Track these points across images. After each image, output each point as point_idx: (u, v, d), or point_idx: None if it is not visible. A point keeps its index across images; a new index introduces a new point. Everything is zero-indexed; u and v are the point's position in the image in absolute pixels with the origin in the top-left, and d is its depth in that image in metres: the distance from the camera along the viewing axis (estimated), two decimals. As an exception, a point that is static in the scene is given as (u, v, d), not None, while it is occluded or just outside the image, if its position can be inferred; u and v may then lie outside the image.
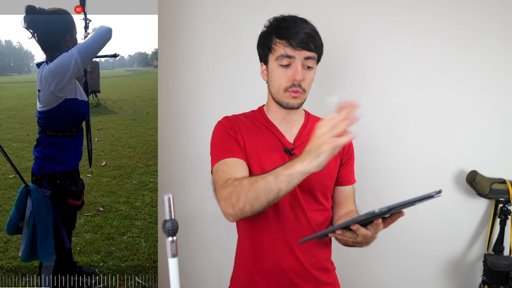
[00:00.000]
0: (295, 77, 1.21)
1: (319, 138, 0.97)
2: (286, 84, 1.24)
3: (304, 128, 1.35)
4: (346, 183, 1.39)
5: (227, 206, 1.12)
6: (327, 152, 0.96)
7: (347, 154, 1.38)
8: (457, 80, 2.00)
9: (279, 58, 1.22)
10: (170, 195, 0.67)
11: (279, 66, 1.23)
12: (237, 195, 1.09)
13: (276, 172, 1.04)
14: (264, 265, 1.29)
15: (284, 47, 1.21)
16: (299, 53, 1.21)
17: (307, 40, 1.21)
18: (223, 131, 1.29)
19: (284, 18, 1.26)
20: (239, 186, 1.10)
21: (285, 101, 1.26)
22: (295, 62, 1.21)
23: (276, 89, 1.26)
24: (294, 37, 1.20)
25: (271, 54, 1.25)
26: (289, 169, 1.02)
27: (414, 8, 1.97)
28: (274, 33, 1.24)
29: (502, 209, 1.98)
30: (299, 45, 1.20)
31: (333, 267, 1.41)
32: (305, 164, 0.99)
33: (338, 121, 0.95)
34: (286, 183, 1.03)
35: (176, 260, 0.69)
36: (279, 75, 1.24)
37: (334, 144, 0.95)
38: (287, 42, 1.20)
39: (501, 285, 1.91)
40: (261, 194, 1.05)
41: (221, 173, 1.20)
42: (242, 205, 1.08)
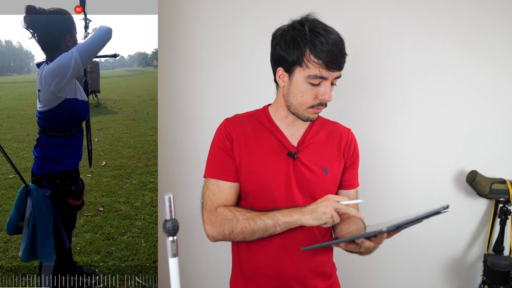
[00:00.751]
0: (324, 98, 1.18)
1: (327, 208, 1.11)
2: (313, 102, 1.19)
3: (309, 130, 1.32)
4: (350, 186, 1.37)
5: (215, 233, 1.24)
6: (325, 221, 1.11)
7: (351, 157, 1.36)
8: (457, 80, 2.00)
9: (312, 77, 1.16)
10: (170, 195, 0.66)
11: (308, 83, 1.17)
12: (230, 228, 1.21)
13: (274, 217, 1.18)
14: (262, 269, 1.29)
15: (320, 68, 1.14)
16: (333, 74, 1.16)
17: (342, 60, 1.16)
18: (219, 143, 1.29)
19: (318, 31, 1.15)
20: (234, 220, 1.20)
21: (306, 116, 1.23)
22: (325, 82, 1.17)
23: (299, 103, 1.21)
24: (331, 58, 1.13)
25: (301, 68, 1.17)
26: (287, 217, 1.16)
27: (414, 8, 1.97)
28: (309, 47, 1.14)
29: (502, 209, 1.98)
30: (335, 68, 1.15)
31: (333, 269, 1.40)
32: (305, 218, 1.14)
33: (344, 210, 1.11)
34: (281, 228, 1.18)
35: (177, 260, 0.69)
36: (306, 92, 1.18)
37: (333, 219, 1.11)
38: (324, 64, 1.14)
39: (501, 285, 1.91)
40: (257, 232, 1.19)
41: (212, 196, 1.27)
42: (234, 237, 1.22)
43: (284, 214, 1.17)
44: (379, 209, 1.90)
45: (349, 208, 1.12)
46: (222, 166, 1.28)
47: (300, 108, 1.22)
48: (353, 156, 1.36)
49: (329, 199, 1.13)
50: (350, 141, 1.35)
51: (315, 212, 1.13)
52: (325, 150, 1.31)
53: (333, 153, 1.32)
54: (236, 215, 1.21)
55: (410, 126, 2.04)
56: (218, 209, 1.24)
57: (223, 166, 1.27)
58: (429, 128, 2.03)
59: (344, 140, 1.34)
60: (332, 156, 1.31)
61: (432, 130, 2.03)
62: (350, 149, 1.35)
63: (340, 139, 1.34)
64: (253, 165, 1.26)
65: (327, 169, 1.28)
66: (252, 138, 1.29)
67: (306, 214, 1.14)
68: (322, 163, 1.28)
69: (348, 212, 1.11)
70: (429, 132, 2.03)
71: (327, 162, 1.29)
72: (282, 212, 1.18)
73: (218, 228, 1.23)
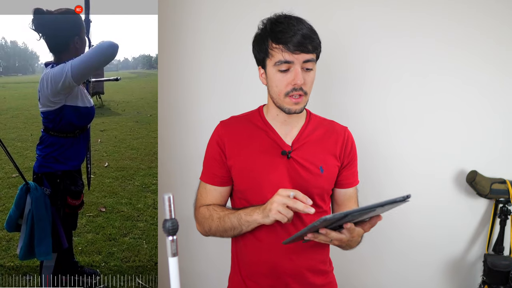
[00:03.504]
0: (295, 82, 1.18)
1: (272, 204, 1.12)
2: (287, 88, 1.20)
3: (304, 129, 1.32)
4: (348, 185, 1.37)
5: (200, 229, 1.37)
6: (273, 217, 1.12)
7: (348, 156, 1.35)
8: (457, 80, 1.99)
9: (277, 64, 1.18)
10: (170, 195, 0.67)
11: (278, 72, 1.20)
12: (208, 226, 1.30)
13: (239, 216, 1.22)
14: (259, 267, 1.29)
15: (282, 53, 1.17)
16: (298, 57, 1.17)
17: (305, 42, 1.16)
18: (210, 149, 1.35)
19: (279, 20, 1.20)
20: (209, 219, 1.29)
21: (286, 107, 1.23)
22: (294, 66, 1.18)
23: (277, 94, 1.23)
24: (291, 40, 1.15)
25: (269, 59, 1.21)
26: (248, 216, 1.20)
27: (414, 8, 1.96)
28: (270, 37, 1.19)
29: (502, 209, 1.98)
30: (297, 49, 1.16)
31: (330, 268, 1.40)
32: (259, 217, 1.17)
33: (291, 204, 1.09)
34: (246, 226, 1.23)
35: (176, 260, 0.69)
36: (278, 80, 1.21)
37: (282, 215, 1.10)
38: (285, 47, 1.16)
39: (501, 285, 1.91)
40: (228, 230, 1.26)
41: (199, 196, 1.38)
42: (214, 234, 1.32)
43: (246, 213, 1.21)
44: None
45: (296, 202, 1.08)
46: (209, 171, 1.35)
47: (279, 99, 1.23)
48: (350, 155, 1.36)
49: (277, 194, 1.12)
50: (346, 139, 1.35)
51: (265, 210, 1.15)
52: (320, 149, 1.31)
53: (329, 152, 1.31)
54: (211, 214, 1.29)
55: (410, 126, 2.03)
56: (200, 208, 1.35)
57: (210, 171, 1.34)
58: (429, 128, 2.02)
59: (340, 138, 1.34)
60: (328, 155, 1.31)
61: (432, 130, 2.02)
62: (347, 147, 1.34)
63: (337, 138, 1.34)
64: (246, 164, 1.27)
65: (322, 168, 1.28)
66: (246, 138, 1.30)
67: (260, 212, 1.17)
68: (318, 162, 1.28)
69: (296, 206, 1.08)
70: (429, 132, 2.03)
71: (323, 161, 1.29)
72: (245, 211, 1.22)
73: (201, 225, 1.34)
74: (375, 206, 0.98)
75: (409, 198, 0.98)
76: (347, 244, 1.18)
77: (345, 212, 0.98)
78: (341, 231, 1.08)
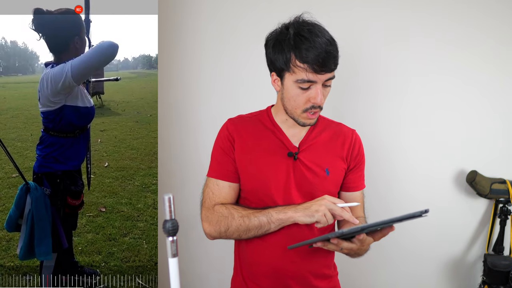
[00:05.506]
0: (316, 101, 1.16)
1: (321, 206, 1.12)
2: (306, 105, 1.18)
3: (312, 131, 1.31)
4: (354, 188, 1.35)
5: (212, 230, 1.25)
6: (318, 219, 1.11)
7: (355, 159, 1.34)
8: (457, 80, 2.00)
9: (299, 81, 1.15)
10: (170, 195, 0.66)
11: (298, 88, 1.16)
12: (226, 225, 1.22)
13: (268, 215, 1.19)
14: (261, 269, 1.28)
15: (306, 72, 1.13)
16: (321, 77, 1.14)
17: (329, 62, 1.13)
18: (221, 144, 1.31)
19: (302, 33, 1.13)
20: (230, 217, 1.22)
21: (301, 121, 1.22)
22: (315, 85, 1.15)
23: (293, 107, 1.21)
24: (317, 61, 1.11)
25: (289, 73, 1.16)
26: (281, 214, 1.18)
27: (414, 8, 1.97)
28: (294, 52, 1.13)
29: (502, 209, 1.98)
30: (322, 70, 1.13)
31: (334, 272, 1.39)
32: (298, 215, 1.15)
33: (338, 212, 1.11)
34: (275, 225, 1.19)
35: (176, 260, 0.69)
36: (297, 96, 1.18)
37: (326, 219, 1.11)
38: (310, 67, 1.12)
39: (501, 285, 1.91)
40: (252, 229, 1.20)
41: (211, 194, 1.29)
42: (231, 234, 1.23)
43: (278, 211, 1.18)
44: (378, 208, 1.90)
45: (343, 211, 1.11)
46: (222, 167, 1.29)
47: (295, 112, 1.21)
48: (358, 158, 1.34)
49: (324, 199, 1.14)
50: (354, 142, 1.33)
51: (309, 209, 1.14)
52: (327, 151, 1.30)
53: (336, 155, 1.30)
54: (231, 212, 1.22)
55: (409, 126, 2.04)
56: (215, 207, 1.26)
57: (224, 167, 1.29)
58: (429, 128, 2.02)
59: (348, 141, 1.32)
60: (334, 158, 1.30)
61: (432, 130, 2.02)
62: (354, 150, 1.33)
63: (344, 140, 1.32)
64: (253, 164, 1.26)
65: (328, 170, 1.27)
66: (253, 138, 1.29)
67: (300, 211, 1.15)
68: (324, 164, 1.27)
69: (342, 215, 1.10)
70: (429, 132, 2.03)
71: (329, 163, 1.28)
72: (276, 209, 1.19)
73: (214, 225, 1.24)
74: (393, 220, 0.98)
75: (427, 212, 0.95)
76: (356, 253, 1.16)
77: (362, 226, 0.99)
78: (352, 240, 1.08)
